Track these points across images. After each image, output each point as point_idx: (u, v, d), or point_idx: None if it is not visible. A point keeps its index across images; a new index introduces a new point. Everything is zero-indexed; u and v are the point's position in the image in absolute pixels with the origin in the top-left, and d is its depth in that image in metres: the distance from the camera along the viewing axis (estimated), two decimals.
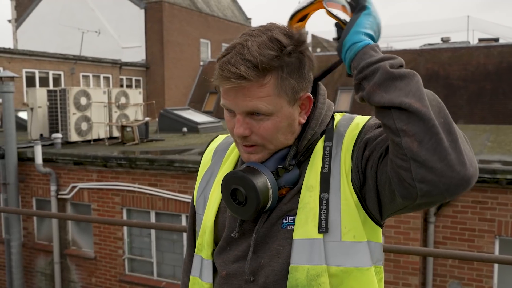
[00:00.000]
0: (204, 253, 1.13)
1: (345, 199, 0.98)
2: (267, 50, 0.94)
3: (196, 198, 1.21)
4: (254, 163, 1.03)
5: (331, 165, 1.01)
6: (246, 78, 0.93)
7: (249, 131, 0.99)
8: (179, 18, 18.09)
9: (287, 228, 1.01)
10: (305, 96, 1.03)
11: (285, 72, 0.97)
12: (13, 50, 13.61)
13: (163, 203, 6.79)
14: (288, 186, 1.03)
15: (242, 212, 1.01)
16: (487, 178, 5.17)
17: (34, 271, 8.18)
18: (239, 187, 0.99)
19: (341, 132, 1.05)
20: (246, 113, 0.98)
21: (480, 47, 14.13)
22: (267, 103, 0.96)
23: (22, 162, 7.73)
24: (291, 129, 1.03)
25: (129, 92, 9.68)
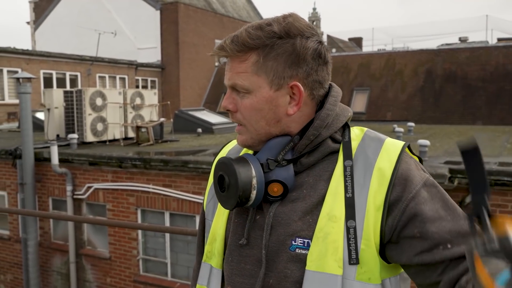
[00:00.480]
0: (214, 262, 1.09)
1: (366, 239, 0.92)
2: (257, 31, 0.98)
3: (206, 204, 1.18)
4: (247, 154, 1.02)
5: (354, 189, 0.95)
6: (225, 50, 1.00)
7: (234, 106, 1.02)
8: (194, 19, 18.16)
9: (295, 251, 0.95)
10: (292, 84, 0.99)
11: (268, 53, 0.98)
12: (31, 52, 13.81)
13: (177, 204, 6.80)
14: (281, 183, 0.97)
15: (225, 200, 1.00)
16: (507, 181, 5.04)
17: (50, 270, 8.26)
18: (223, 173, 0.99)
19: (368, 157, 0.98)
20: (230, 88, 1.03)
21: (499, 47, 13.87)
22: (243, 78, 0.99)
23: (38, 162, 7.82)
24: (275, 116, 1.00)
25: (144, 93, 9.72)
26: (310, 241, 0.94)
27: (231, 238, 1.05)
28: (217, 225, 1.10)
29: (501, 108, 12.68)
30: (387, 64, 15.08)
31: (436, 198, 0.95)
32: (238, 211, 1.06)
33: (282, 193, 0.99)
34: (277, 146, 1.01)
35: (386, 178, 0.94)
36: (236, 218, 1.06)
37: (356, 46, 33.31)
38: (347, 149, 1.00)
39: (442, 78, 13.96)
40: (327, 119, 1.02)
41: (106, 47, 18.38)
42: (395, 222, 0.92)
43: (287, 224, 0.97)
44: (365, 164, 0.97)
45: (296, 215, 0.97)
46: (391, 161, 0.96)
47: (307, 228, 0.95)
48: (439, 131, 10.92)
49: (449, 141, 8.42)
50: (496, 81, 13.13)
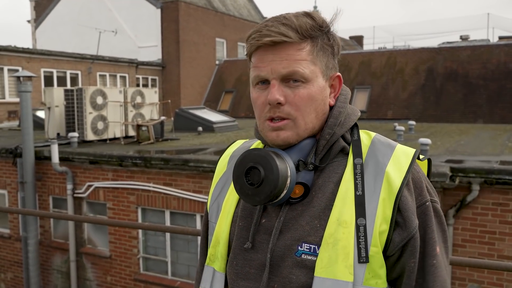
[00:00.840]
0: (217, 265, 1.07)
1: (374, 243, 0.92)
2: (305, 19, 0.96)
3: (209, 205, 1.16)
4: (278, 149, 0.98)
5: (365, 188, 0.94)
6: (286, 35, 0.93)
7: (284, 98, 0.95)
8: (195, 18, 18.13)
9: (301, 257, 0.94)
10: (336, 75, 1.03)
11: (319, 44, 0.97)
12: (32, 50, 13.79)
13: (178, 202, 6.79)
14: (303, 185, 0.96)
15: (253, 195, 0.94)
16: (508, 180, 5.03)
17: (51, 269, 8.26)
18: (258, 165, 0.93)
19: (379, 161, 0.97)
20: (282, 79, 0.95)
21: (501, 45, 13.83)
22: (304, 66, 0.95)
23: (39, 161, 7.81)
24: (323, 108, 1.00)
25: (144, 91, 9.71)
26: (317, 247, 0.93)
27: (235, 241, 1.03)
28: (220, 228, 1.08)
29: (502, 107, 12.65)
30: (388, 63, 15.05)
31: (440, 231, 0.98)
32: (242, 214, 1.04)
33: (302, 195, 0.98)
34: (307, 147, 1.00)
35: (395, 189, 0.93)
36: (240, 221, 1.04)
37: (357, 44, 33.25)
38: (357, 147, 1.00)
39: (443, 76, 13.93)
40: (340, 116, 1.02)
41: (107, 45, 18.37)
42: (401, 244, 0.93)
43: (295, 229, 0.95)
44: (376, 168, 0.96)
45: (304, 219, 0.96)
46: (402, 170, 0.95)
47: (314, 233, 0.94)
48: (440, 129, 10.89)
49: (450, 140, 8.39)
50: (498, 80, 13.09)
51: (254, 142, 1.18)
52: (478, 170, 5.14)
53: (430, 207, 0.95)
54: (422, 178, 0.98)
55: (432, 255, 0.93)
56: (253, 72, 0.99)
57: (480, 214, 5.29)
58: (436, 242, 0.94)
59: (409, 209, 0.92)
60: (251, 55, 1.00)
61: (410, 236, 0.92)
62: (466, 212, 5.35)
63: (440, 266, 0.94)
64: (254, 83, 1.00)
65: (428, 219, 0.94)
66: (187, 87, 17.76)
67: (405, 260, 0.93)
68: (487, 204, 5.24)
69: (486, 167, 5.14)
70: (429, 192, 0.98)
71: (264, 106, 0.97)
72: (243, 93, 16.97)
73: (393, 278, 0.95)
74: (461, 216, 5.37)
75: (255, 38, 0.95)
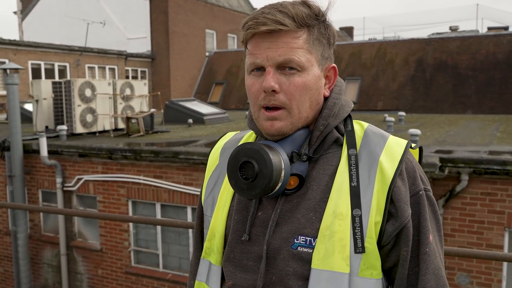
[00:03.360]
0: (213, 258, 1.07)
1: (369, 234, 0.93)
2: (301, 7, 0.95)
3: (204, 199, 1.15)
4: (271, 142, 0.97)
5: (359, 178, 0.94)
6: (283, 24, 0.92)
7: (279, 86, 0.95)
8: (184, 9, 17.98)
9: (297, 249, 0.94)
10: (331, 66, 1.02)
11: (315, 33, 0.97)
12: (18, 42, 13.59)
13: (169, 195, 6.77)
14: (297, 176, 0.96)
15: (248, 189, 0.93)
16: (496, 170, 5.08)
17: (41, 263, 8.22)
18: (252, 160, 0.92)
19: (372, 152, 0.97)
20: (277, 67, 0.95)
21: (490, 36, 13.91)
22: (300, 55, 0.94)
23: (27, 154, 7.73)
24: (317, 98, 0.99)
25: (134, 83, 9.63)
26: (313, 239, 0.93)
27: (231, 235, 1.02)
28: (216, 221, 1.07)
29: (491, 97, 12.75)
30: (378, 54, 15.07)
31: (434, 219, 0.99)
32: (238, 207, 1.04)
33: (297, 186, 0.97)
34: (300, 138, 0.99)
35: (388, 180, 0.94)
36: (236, 214, 1.03)
37: (347, 35, 33.23)
38: (351, 137, 0.99)
39: (432, 67, 13.98)
40: (334, 108, 1.01)
41: (95, 37, 18.17)
42: (394, 233, 0.94)
43: (291, 222, 0.95)
44: (369, 159, 0.96)
45: (299, 212, 0.96)
46: (395, 161, 0.96)
47: (310, 225, 0.94)
48: (430, 120, 10.96)
49: (440, 130, 8.45)
50: (486, 70, 13.18)
51: (246, 134, 1.17)
52: (467, 160, 5.18)
53: (424, 196, 0.96)
54: (416, 167, 0.98)
55: (425, 243, 0.94)
56: (248, 59, 0.98)
57: (469, 204, 5.34)
58: (429, 231, 0.95)
59: (402, 199, 0.93)
60: (247, 42, 0.99)
61: (402, 225, 0.92)
62: (455, 202, 5.40)
63: (433, 254, 0.95)
64: (249, 70, 0.99)
65: (421, 208, 0.95)
66: (177, 79, 17.66)
67: (398, 249, 0.94)
68: (476, 194, 5.29)
69: (475, 157, 5.18)
70: (423, 181, 0.98)
71: (259, 93, 0.97)
72: (233, 85, 16.91)
73: (388, 267, 0.96)
74: (451, 206, 5.42)
75: (251, 26, 0.94)
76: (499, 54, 13.29)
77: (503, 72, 12.94)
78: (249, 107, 1.06)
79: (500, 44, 13.43)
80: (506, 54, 13.20)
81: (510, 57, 13.11)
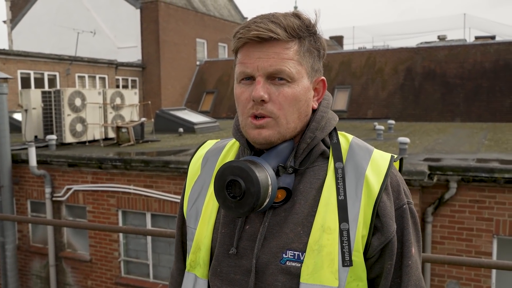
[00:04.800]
0: (199, 272, 1.05)
1: (356, 247, 0.94)
2: (292, 18, 0.96)
3: (186, 210, 1.13)
4: (255, 157, 0.96)
5: (346, 192, 0.95)
6: (275, 33, 0.92)
7: (268, 96, 0.95)
8: (175, 18, 18.02)
9: (286, 264, 0.94)
10: (320, 79, 1.03)
11: (306, 44, 0.97)
12: (7, 51, 13.51)
13: (159, 204, 6.74)
14: (284, 189, 0.96)
15: (237, 207, 0.92)
16: (484, 177, 5.13)
17: (29, 274, 8.11)
18: (238, 178, 0.91)
19: (358, 165, 0.98)
20: (267, 77, 0.95)
21: (477, 45, 14.10)
22: (291, 66, 0.95)
23: (16, 164, 7.67)
24: (306, 109, 1.00)
25: (124, 92, 9.61)
26: (301, 254, 0.93)
27: (218, 248, 1.02)
28: (201, 234, 1.06)
29: (479, 105, 12.90)
30: (368, 62, 15.21)
31: (415, 231, 1.00)
32: (225, 220, 1.03)
33: (284, 198, 0.97)
34: (285, 151, 0.99)
35: (374, 195, 0.95)
36: (223, 228, 1.02)
37: (337, 44, 33.48)
38: (337, 150, 1.00)
39: (421, 76, 14.13)
40: (322, 121, 1.02)
41: (86, 46, 18.12)
42: (379, 247, 0.95)
43: (279, 236, 0.95)
44: (356, 173, 0.97)
45: (287, 226, 0.96)
46: (380, 175, 0.97)
47: (298, 240, 0.94)
48: (419, 128, 11.05)
49: (429, 138, 8.52)
50: (474, 79, 13.35)
51: (228, 142, 1.16)
52: (456, 168, 5.23)
53: (407, 209, 0.98)
54: (400, 181, 1.00)
55: (408, 256, 0.96)
56: (238, 68, 0.98)
57: (458, 211, 5.39)
58: (412, 244, 0.97)
59: (387, 214, 0.94)
60: (237, 51, 0.99)
61: (388, 240, 0.94)
62: (444, 209, 5.44)
63: (415, 266, 0.97)
64: (239, 79, 0.99)
65: (405, 222, 0.96)
66: (167, 88, 17.65)
67: (383, 262, 0.95)
68: (465, 201, 5.34)
69: (463, 165, 5.24)
70: (406, 195, 1.00)
71: (248, 102, 0.97)
72: (224, 93, 16.93)
73: (371, 278, 0.97)
74: (439, 214, 5.46)
75: (242, 33, 0.95)
76: (486, 63, 13.48)
77: (490, 81, 13.11)
78: (235, 116, 1.06)
79: (487, 53, 13.63)
80: (493, 63, 13.39)
81: (497, 65, 13.30)
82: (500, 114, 12.55)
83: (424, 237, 5.50)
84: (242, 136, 1.05)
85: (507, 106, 12.59)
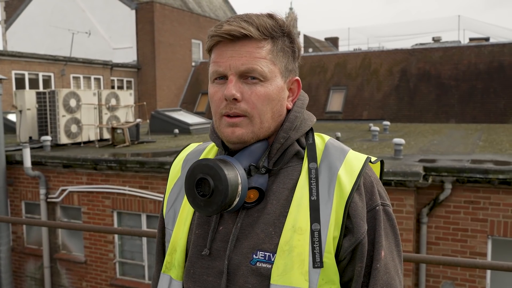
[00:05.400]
0: (174, 273, 1.05)
1: (328, 248, 0.92)
2: (265, 18, 0.96)
3: (165, 212, 1.13)
4: (227, 156, 0.96)
5: (319, 192, 0.94)
6: (248, 31, 0.92)
7: (241, 95, 0.94)
8: (170, 19, 18.00)
9: (256, 265, 0.93)
10: (294, 79, 1.02)
11: (279, 44, 0.97)
12: (2, 52, 13.45)
13: (154, 205, 6.72)
14: (257, 189, 0.96)
15: (206, 206, 0.92)
16: (479, 178, 5.15)
17: (24, 276, 8.07)
18: (207, 176, 0.91)
19: (331, 166, 0.97)
20: (240, 75, 0.94)
21: (471, 47, 14.18)
22: (263, 65, 0.94)
23: (10, 165, 7.63)
24: (280, 109, 0.99)
25: (119, 93, 9.59)
26: (272, 254, 0.93)
27: (192, 249, 1.01)
28: (177, 235, 1.06)
29: (473, 106, 12.97)
30: (363, 64, 15.25)
31: (392, 233, 0.99)
32: (199, 221, 1.02)
33: (257, 199, 0.97)
34: (258, 151, 0.99)
35: (345, 195, 0.94)
36: (197, 229, 1.02)
37: (332, 45, 33.56)
38: (312, 151, 0.99)
39: (416, 77, 14.19)
40: (296, 121, 1.01)
41: (81, 47, 18.07)
42: (350, 249, 0.93)
43: (251, 237, 0.95)
44: (329, 174, 0.96)
45: (259, 227, 0.95)
46: (353, 175, 0.96)
47: (269, 240, 0.93)
48: (414, 129, 11.09)
49: (424, 139, 8.56)
50: (468, 80, 13.42)
51: (208, 145, 1.16)
52: (450, 169, 5.26)
53: (380, 211, 0.96)
54: (374, 182, 0.98)
55: (377, 259, 0.94)
56: (211, 67, 0.98)
57: (453, 212, 5.41)
58: (382, 247, 0.95)
59: (358, 215, 0.93)
60: (211, 51, 0.99)
61: (358, 241, 0.92)
62: (439, 210, 5.46)
63: (383, 270, 0.94)
64: (212, 79, 0.98)
65: (377, 224, 0.95)
66: (163, 89, 17.62)
67: (354, 264, 0.94)
68: (459, 202, 5.36)
69: (458, 166, 5.26)
70: (381, 196, 0.98)
71: (221, 102, 0.96)
72: None
73: (344, 282, 0.96)
74: (434, 215, 5.48)
75: (214, 31, 0.95)
76: (480, 64, 13.55)
77: (484, 82, 13.19)
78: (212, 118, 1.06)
79: (482, 55, 13.71)
80: (487, 64, 13.46)
81: (491, 67, 13.38)
82: (494, 115, 12.62)
83: (419, 238, 5.52)
84: (217, 137, 1.05)
85: (501, 107, 12.67)
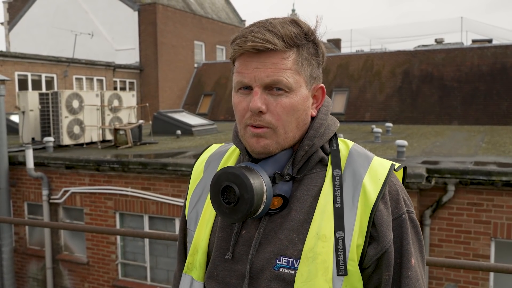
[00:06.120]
0: (195, 274, 1.06)
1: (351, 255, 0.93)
2: (290, 27, 0.94)
3: (187, 213, 1.14)
4: (252, 164, 0.96)
5: (343, 200, 0.94)
6: (273, 44, 0.91)
7: (266, 107, 0.94)
8: (173, 20, 18.03)
9: (279, 270, 0.93)
10: (319, 86, 1.02)
11: (304, 53, 0.96)
12: (5, 53, 13.48)
13: (157, 207, 6.72)
14: (281, 197, 0.96)
15: (231, 213, 0.93)
16: (482, 180, 5.14)
17: (26, 277, 8.08)
18: (233, 184, 0.91)
19: (356, 173, 0.97)
20: (265, 87, 0.94)
21: (474, 48, 14.15)
22: (288, 76, 0.93)
23: (13, 166, 7.64)
24: (304, 118, 0.99)
25: (122, 94, 9.60)
26: (295, 261, 0.93)
27: (215, 252, 1.02)
28: (199, 236, 1.06)
29: (476, 108, 12.94)
30: (365, 65, 15.24)
31: (417, 241, 0.99)
32: (222, 225, 1.03)
33: (281, 206, 0.97)
34: (283, 158, 0.99)
35: (370, 203, 0.94)
36: (220, 232, 1.03)
37: (335, 47, 33.56)
38: (336, 157, 0.99)
39: (419, 78, 14.17)
40: (320, 128, 1.01)
41: (83, 48, 18.11)
42: (375, 257, 0.93)
43: (274, 243, 0.95)
44: (353, 181, 0.96)
45: (282, 233, 0.95)
46: (378, 183, 0.96)
47: (292, 247, 0.94)
48: (417, 131, 11.07)
49: (426, 141, 8.54)
50: (471, 82, 13.39)
51: (230, 147, 1.17)
52: (453, 171, 5.24)
53: (407, 219, 0.96)
54: (399, 190, 0.98)
55: (407, 267, 0.94)
56: (236, 77, 0.97)
57: (456, 214, 5.39)
58: (412, 254, 0.95)
59: (384, 223, 0.93)
60: (235, 60, 0.98)
61: (383, 250, 0.92)
62: (442, 212, 5.44)
63: (414, 277, 0.95)
64: (237, 88, 0.98)
65: (404, 232, 0.95)
66: (165, 90, 17.64)
67: (380, 272, 0.94)
68: (462, 204, 5.35)
69: (461, 168, 5.24)
70: (406, 204, 0.98)
71: (245, 112, 0.96)
72: (222, 96, 16.93)
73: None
74: (437, 216, 5.47)
75: (239, 44, 0.94)
76: (483, 66, 13.52)
77: (487, 84, 13.16)
78: (235, 123, 1.05)
79: (484, 56, 13.68)
80: (490, 66, 13.43)
81: (494, 69, 13.35)
82: (497, 117, 12.59)
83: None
84: (241, 142, 1.05)
85: (504, 109, 12.63)
